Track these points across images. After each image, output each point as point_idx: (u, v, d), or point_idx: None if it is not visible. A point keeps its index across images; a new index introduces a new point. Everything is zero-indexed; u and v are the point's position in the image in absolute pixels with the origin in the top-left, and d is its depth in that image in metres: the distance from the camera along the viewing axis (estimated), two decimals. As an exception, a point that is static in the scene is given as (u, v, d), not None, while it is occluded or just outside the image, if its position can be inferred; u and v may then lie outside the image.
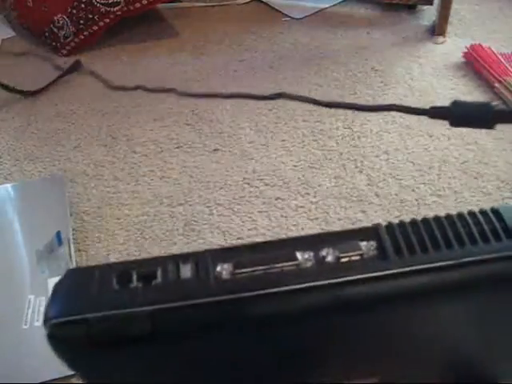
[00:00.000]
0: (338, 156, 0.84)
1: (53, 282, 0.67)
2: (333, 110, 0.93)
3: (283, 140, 0.88)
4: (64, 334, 0.27)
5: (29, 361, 0.57)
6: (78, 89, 1.04)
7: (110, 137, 0.91)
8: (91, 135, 0.91)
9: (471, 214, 0.30)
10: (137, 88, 0.49)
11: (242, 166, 0.83)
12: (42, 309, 0.61)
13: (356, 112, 0.92)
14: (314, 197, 0.77)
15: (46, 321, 0.27)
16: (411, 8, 1.24)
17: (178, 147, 0.88)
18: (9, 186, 0.81)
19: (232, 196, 0.78)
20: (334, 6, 1.29)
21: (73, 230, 0.72)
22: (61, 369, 0.55)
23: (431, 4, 1.19)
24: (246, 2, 1.33)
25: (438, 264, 0.27)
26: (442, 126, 0.87)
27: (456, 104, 0.32)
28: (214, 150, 0.87)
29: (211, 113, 0.95)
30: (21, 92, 1.00)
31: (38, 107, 0.99)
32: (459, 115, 0.31)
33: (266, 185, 0.79)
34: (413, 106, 0.94)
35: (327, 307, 0.27)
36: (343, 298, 0.27)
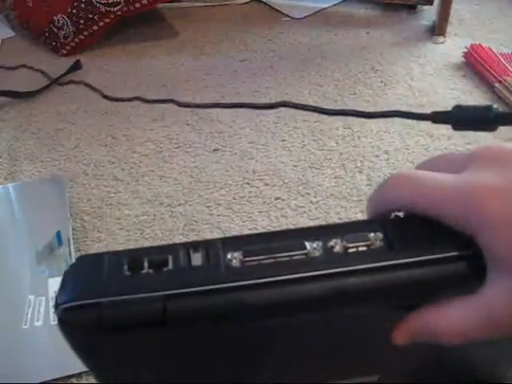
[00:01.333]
0: (338, 156, 0.84)
1: (53, 281, 0.67)
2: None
3: (283, 140, 0.88)
4: (75, 319, 0.27)
5: (29, 361, 0.57)
6: (79, 89, 1.04)
7: (110, 137, 0.91)
8: (91, 135, 0.91)
9: None
10: (134, 99, 0.49)
11: (242, 166, 0.83)
12: (42, 309, 0.61)
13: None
14: (314, 197, 0.77)
15: (56, 306, 0.27)
16: (411, 8, 1.25)
17: (178, 147, 0.88)
18: (9, 186, 0.80)
19: (232, 196, 0.78)
20: (333, 5, 1.29)
21: (73, 229, 0.72)
22: (61, 369, 0.56)
23: (431, 4, 1.19)
24: (246, 2, 1.33)
25: (442, 255, 0.28)
26: (442, 126, 0.87)
27: (458, 108, 0.32)
28: (214, 149, 0.87)
29: (211, 113, 0.95)
30: (18, 95, 1.00)
31: (37, 107, 0.99)
32: (461, 119, 0.32)
33: (266, 185, 0.79)
34: (413, 105, 0.94)
35: (335, 295, 0.27)
36: (351, 287, 0.27)
